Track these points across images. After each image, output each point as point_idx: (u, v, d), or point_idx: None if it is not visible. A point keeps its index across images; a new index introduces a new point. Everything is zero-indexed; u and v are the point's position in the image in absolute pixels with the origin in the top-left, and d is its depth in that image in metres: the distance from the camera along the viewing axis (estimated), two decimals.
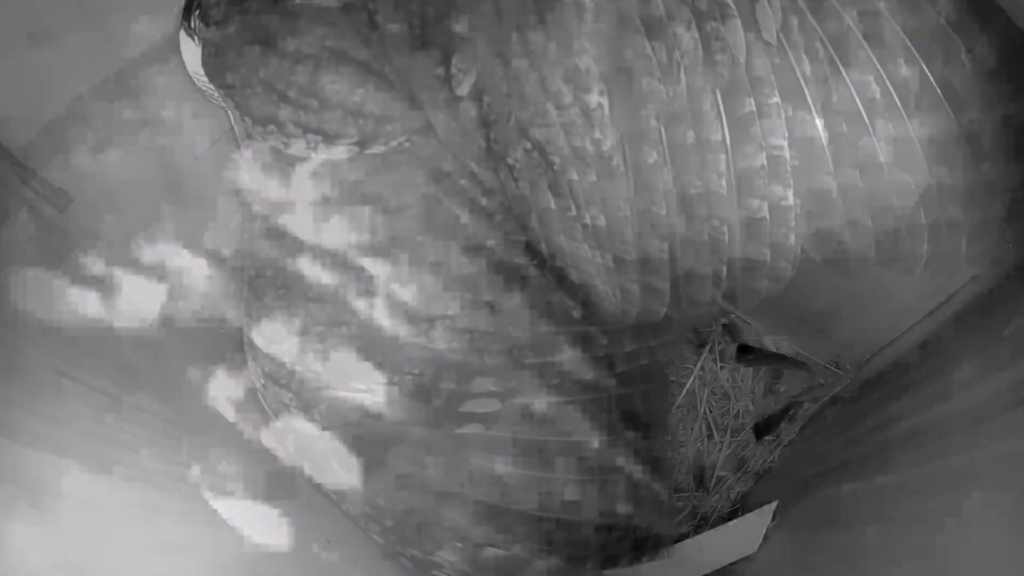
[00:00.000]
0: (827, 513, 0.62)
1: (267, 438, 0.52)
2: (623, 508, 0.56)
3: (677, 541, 0.71)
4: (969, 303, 0.61)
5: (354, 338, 0.48)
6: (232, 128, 0.57)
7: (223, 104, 0.49)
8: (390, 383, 0.48)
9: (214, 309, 0.66)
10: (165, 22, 0.49)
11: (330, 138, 0.44)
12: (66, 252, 0.49)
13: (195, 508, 0.48)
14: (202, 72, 0.48)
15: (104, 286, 0.52)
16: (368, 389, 0.48)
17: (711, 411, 0.88)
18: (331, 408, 0.49)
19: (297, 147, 0.45)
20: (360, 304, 0.47)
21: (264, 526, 0.54)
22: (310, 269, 0.47)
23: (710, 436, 0.87)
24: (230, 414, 0.56)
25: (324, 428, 0.49)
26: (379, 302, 0.47)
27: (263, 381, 0.49)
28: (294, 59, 0.42)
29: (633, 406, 0.56)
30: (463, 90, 0.43)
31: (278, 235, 0.48)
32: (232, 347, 0.68)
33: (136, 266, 0.57)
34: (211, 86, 0.48)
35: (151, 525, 0.43)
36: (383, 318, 0.47)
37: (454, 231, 0.47)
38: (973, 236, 0.43)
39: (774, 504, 0.67)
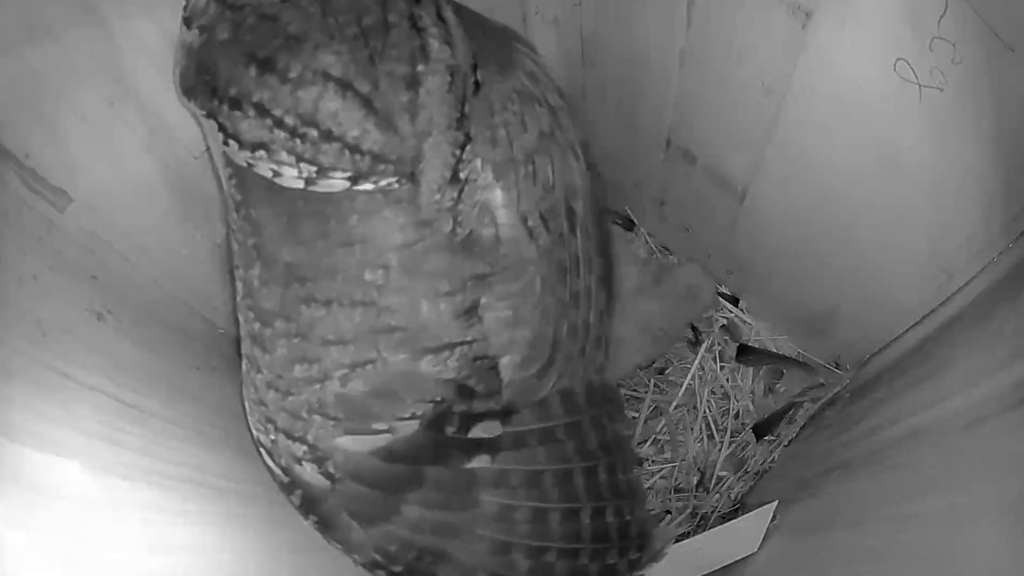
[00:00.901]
0: (827, 513, 0.62)
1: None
2: (614, 533, 0.57)
3: (677, 541, 0.71)
4: (969, 303, 0.61)
5: (378, 375, 0.47)
6: (208, 149, 0.56)
7: (199, 123, 0.46)
8: (413, 416, 0.48)
9: (214, 309, 0.66)
10: (165, 22, 0.49)
11: (324, 170, 0.42)
12: (66, 252, 0.49)
13: (195, 508, 0.48)
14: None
15: (104, 286, 0.52)
16: (390, 428, 0.48)
17: (711, 411, 0.88)
18: (348, 457, 0.48)
19: (288, 175, 0.43)
20: (383, 338, 0.46)
21: (263, 526, 0.54)
22: (326, 312, 0.45)
23: (710, 436, 0.87)
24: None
25: (338, 479, 0.48)
26: (401, 335, 0.46)
27: (273, 437, 0.48)
28: (296, 84, 0.40)
29: (605, 432, 0.58)
30: (464, 174, 0.46)
31: (281, 280, 0.46)
32: (232, 346, 0.68)
33: (136, 266, 0.57)
34: (193, 107, 0.45)
35: (151, 525, 0.43)
36: (405, 351, 0.47)
37: (465, 268, 0.47)
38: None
39: (774, 504, 0.67)
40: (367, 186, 0.43)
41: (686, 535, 0.80)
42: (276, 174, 0.43)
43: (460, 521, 0.51)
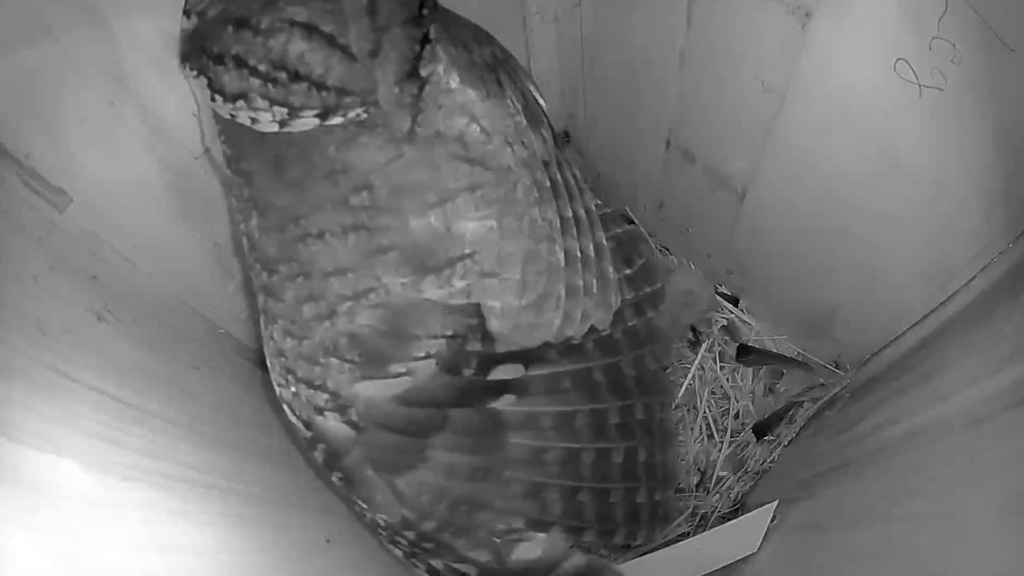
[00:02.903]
0: (827, 513, 0.62)
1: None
2: (642, 473, 0.58)
3: (677, 541, 0.71)
4: (969, 303, 0.61)
5: (384, 306, 0.47)
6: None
7: (193, 89, 0.49)
8: (427, 355, 0.48)
9: (214, 309, 0.66)
10: (165, 22, 0.49)
11: (295, 110, 0.45)
12: (66, 252, 0.49)
13: (195, 508, 0.47)
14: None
15: (104, 286, 0.52)
16: (407, 370, 0.48)
17: (711, 411, 0.88)
18: (370, 404, 0.48)
19: (264, 120, 0.46)
20: (380, 261, 0.47)
21: (263, 526, 0.54)
22: (322, 245, 0.47)
23: (710, 436, 0.87)
24: None
25: (362, 428, 0.48)
26: (397, 255, 0.47)
27: (294, 389, 0.49)
28: (267, 35, 0.44)
29: (644, 371, 0.59)
30: (425, 72, 0.47)
31: (278, 225, 0.47)
32: (232, 346, 0.68)
33: (136, 266, 0.57)
34: (188, 72, 0.48)
35: (151, 525, 0.43)
36: (406, 273, 0.47)
37: (447, 177, 0.48)
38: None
39: (774, 504, 0.67)
40: (336, 120, 0.46)
41: (686, 535, 0.80)
42: (254, 120, 0.46)
43: (489, 464, 0.51)
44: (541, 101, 0.56)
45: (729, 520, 0.72)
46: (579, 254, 0.55)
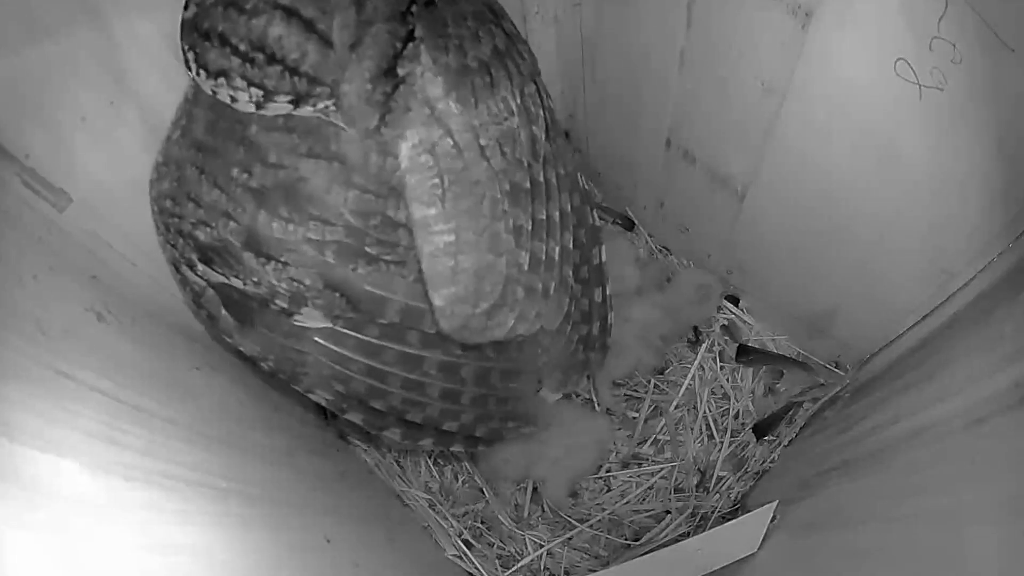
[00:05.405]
0: (827, 513, 0.62)
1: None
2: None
3: (677, 541, 0.71)
4: (969, 303, 0.61)
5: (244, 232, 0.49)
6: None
7: (188, 66, 0.50)
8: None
9: None
10: (165, 22, 0.49)
11: (269, 93, 0.46)
12: (66, 252, 0.49)
13: (195, 508, 0.47)
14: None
15: (104, 286, 0.52)
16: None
17: (711, 411, 0.88)
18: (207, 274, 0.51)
19: (242, 99, 0.46)
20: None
21: (263, 526, 0.54)
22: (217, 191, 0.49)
23: (710, 436, 0.87)
24: None
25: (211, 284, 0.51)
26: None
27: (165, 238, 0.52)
28: (251, 15, 0.44)
29: (487, 377, 0.61)
30: (402, 71, 0.47)
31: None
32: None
33: (136, 266, 0.57)
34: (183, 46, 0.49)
35: (151, 525, 0.42)
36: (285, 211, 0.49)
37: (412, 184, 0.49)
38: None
39: (774, 504, 0.67)
40: (307, 109, 0.46)
41: (686, 535, 0.80)
42: (233, 99, 0.47)
43: (297, 356, 0.54)
44: (543, 92, 0.56)
45: (729, 520, 0.72)
46: (543, 257, 0.55)
